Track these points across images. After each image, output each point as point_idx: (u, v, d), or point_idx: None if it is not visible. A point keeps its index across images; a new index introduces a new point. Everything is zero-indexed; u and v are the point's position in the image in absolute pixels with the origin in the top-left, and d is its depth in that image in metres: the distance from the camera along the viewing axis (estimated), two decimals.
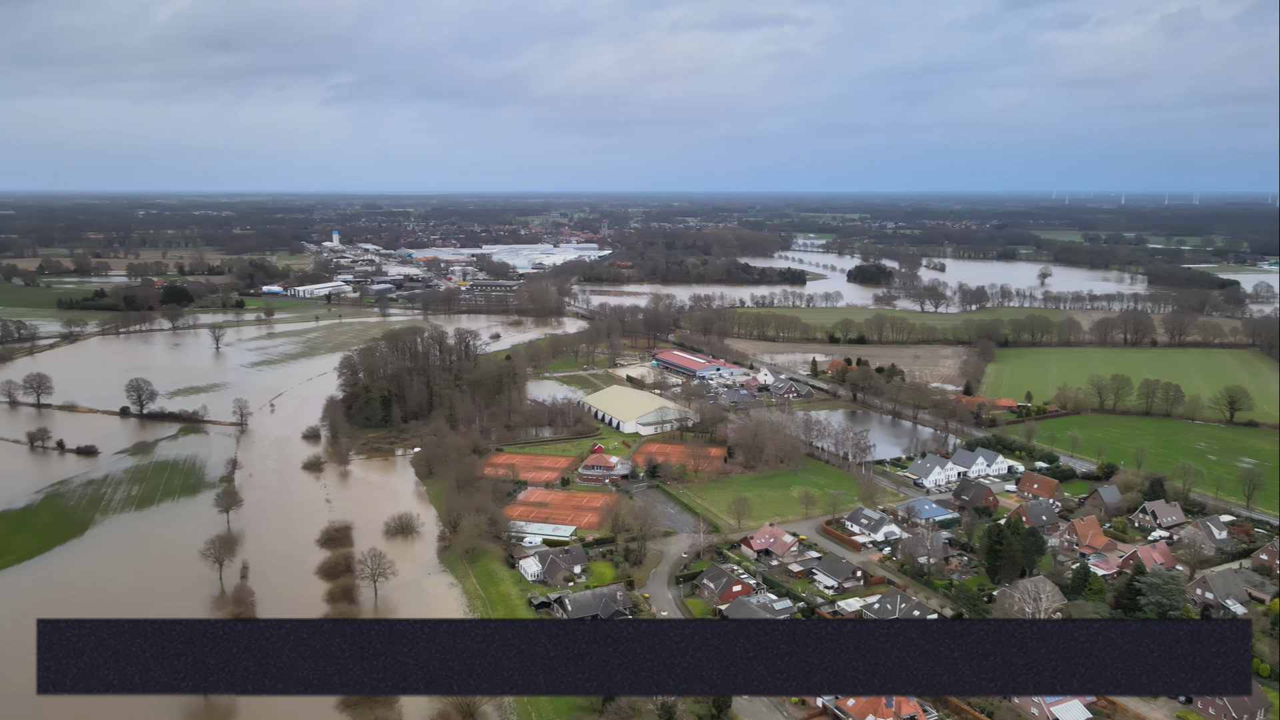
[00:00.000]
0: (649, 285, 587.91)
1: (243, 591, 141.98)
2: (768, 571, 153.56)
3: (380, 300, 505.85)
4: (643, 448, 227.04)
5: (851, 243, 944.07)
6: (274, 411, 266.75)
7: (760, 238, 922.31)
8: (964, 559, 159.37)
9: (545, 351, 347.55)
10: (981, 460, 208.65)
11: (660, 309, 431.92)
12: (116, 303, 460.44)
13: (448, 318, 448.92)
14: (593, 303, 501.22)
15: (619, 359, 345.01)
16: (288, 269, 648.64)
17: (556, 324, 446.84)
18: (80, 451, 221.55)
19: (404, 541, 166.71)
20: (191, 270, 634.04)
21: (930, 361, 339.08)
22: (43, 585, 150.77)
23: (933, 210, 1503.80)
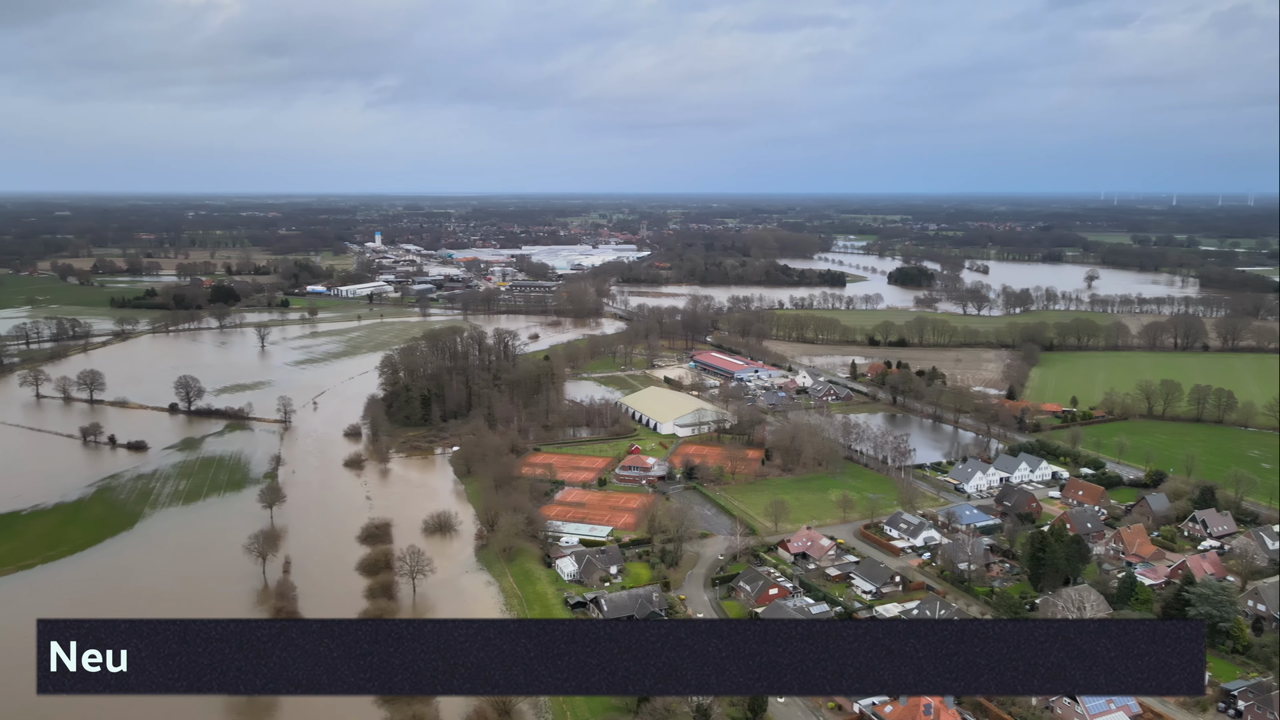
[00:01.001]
0: (687, 286, 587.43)
1: (285, 586, 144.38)
2: (805, 575, 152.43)
3: (421, 300, 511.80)
4: (680, 449, 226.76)
5: (892, 244, 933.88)
6: (317, 409, 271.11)
7: (800, 239, 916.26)
8: (1006, 566, 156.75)
9: (583, 352, 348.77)
10: (1024, 465, 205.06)
11: (698, 310, 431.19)
12: (166, 302, 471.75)
13: (487, 318, 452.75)
14: (631, 304, 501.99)
15: (657, 360, 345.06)
16: (331, 269, 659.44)
17: (595, 325, 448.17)
18: (131, 447, 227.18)
19: (442, 539, 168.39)
20: (238, 270, 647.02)
21: (972, 365, 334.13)
22: (92, 577, 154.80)
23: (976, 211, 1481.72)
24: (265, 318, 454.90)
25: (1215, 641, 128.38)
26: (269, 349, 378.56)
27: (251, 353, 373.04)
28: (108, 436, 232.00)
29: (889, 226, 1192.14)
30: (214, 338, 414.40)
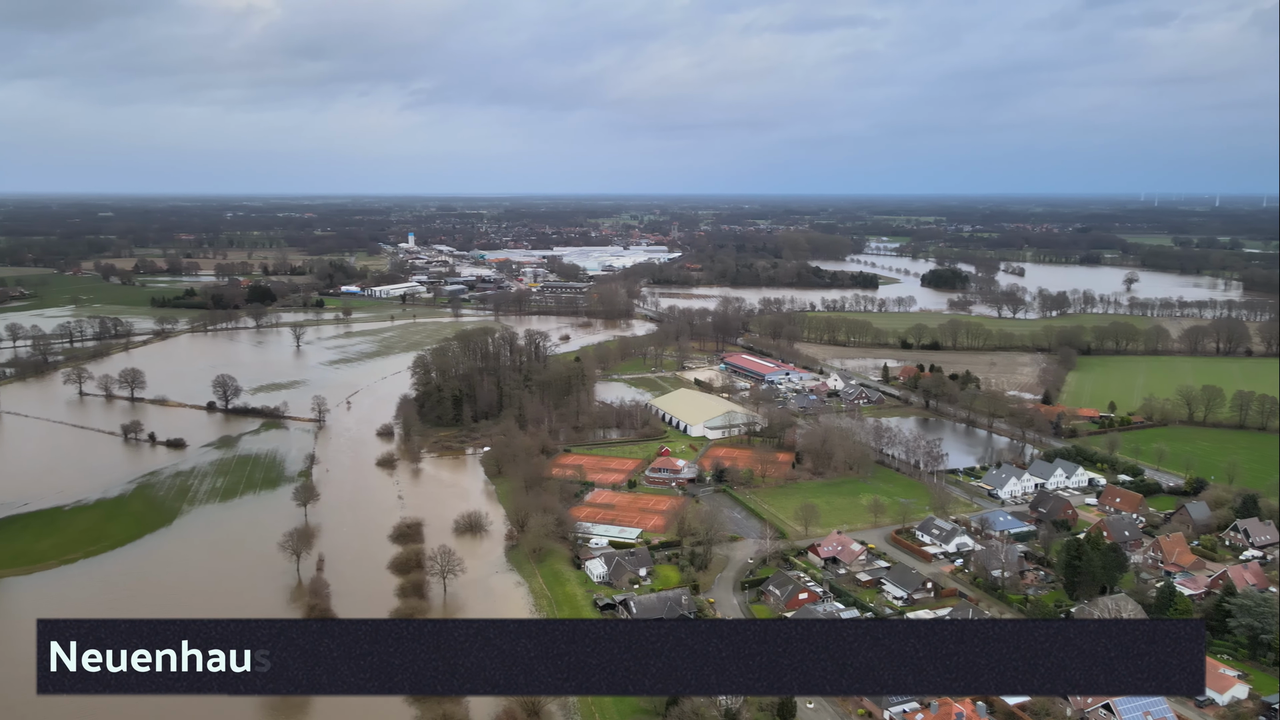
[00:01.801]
0: (718, 288, 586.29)
1: (319, 584, 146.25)
2: (835, 580, 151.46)
3: (453, 301, 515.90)
4: (710, 451, 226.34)
5: (926, 246, 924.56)
6: (350, 409, 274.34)
7: (832, 241, 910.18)
8: (1040, 574, 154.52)
9: (614, 353, 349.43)
10: (1060, 472, 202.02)
11: (729, 312, 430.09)
12: (205, 301, 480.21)
13: (518, 319, 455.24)
14: (661, 305, 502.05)
15: (687, 362, 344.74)
16: (365, 269, 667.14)
17: (625, 326, 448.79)
18: (170, 444, 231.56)
19: (473, 539, 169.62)
20: (275, 270, 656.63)
21: (1007, 369, 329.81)
22: (130, 572, 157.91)
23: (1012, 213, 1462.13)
24: (301, 318, 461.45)
25: (1256, 654, 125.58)
26: (304, 349, 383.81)
27: (287, 352, 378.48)
28: (148, 434, 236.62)
29: (923, 228, 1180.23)
30: (251, 337, 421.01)
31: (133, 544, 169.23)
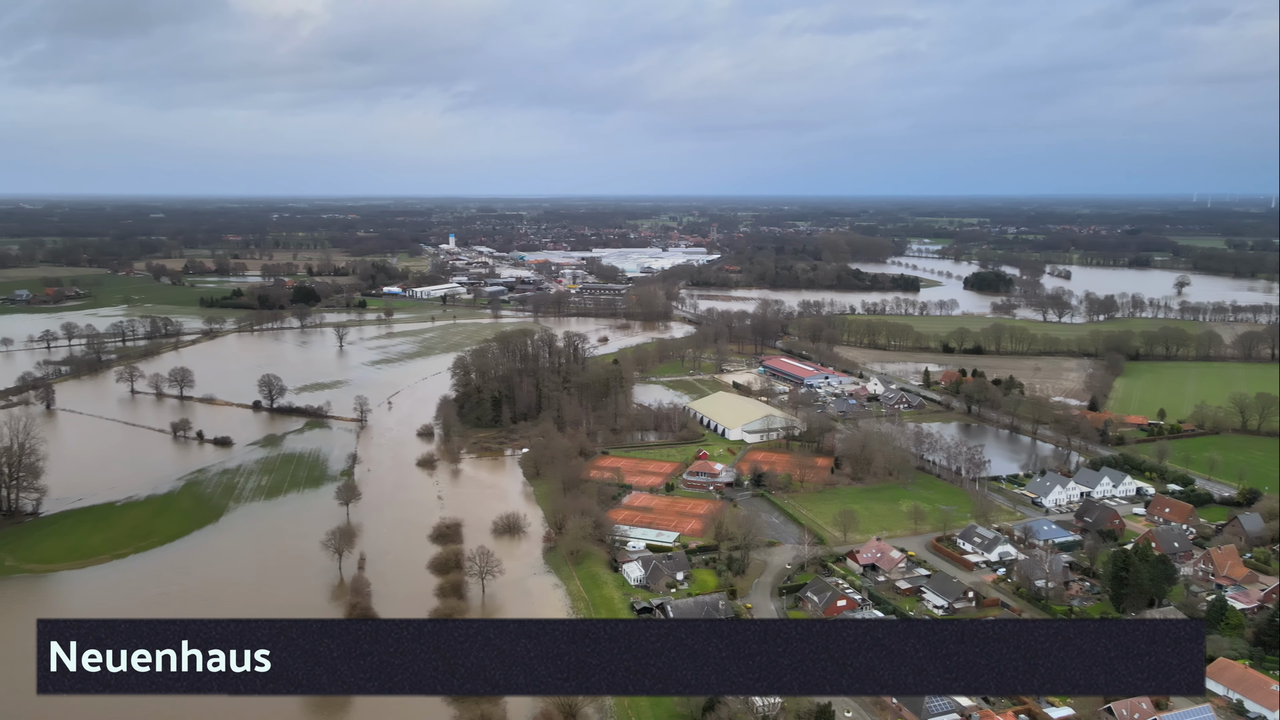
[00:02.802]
0: (757, 290, 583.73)
1: (360, 582, 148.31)
2: (874, 587, 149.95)
3: (493, 302, 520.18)
4: (748, 455, 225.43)
5: (969, 248, 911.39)
6: (391, 409, 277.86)
7: (872, 243, 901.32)
8: (1086, 585, 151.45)
9: (652, 356, 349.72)
10: (1107, 480, 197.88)
11: (768, 315, 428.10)
12: (251, 301, 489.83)
13: (557, 320, 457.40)
14: (700, 307, 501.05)
15: (725, 365, 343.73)
16: (406, 270, 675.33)
17: (664, 328, 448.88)
18: (217, 442, 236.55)
19: (511, 540, 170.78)
20: (319, 271, 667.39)
21: (1052, 374, 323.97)
22: (178, 568, 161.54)
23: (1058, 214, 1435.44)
24: (343, 318, 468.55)
25: None
26: (347, 349, 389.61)
27: (330, 352, 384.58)
28: (196, 432, 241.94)
29: (966, 230, 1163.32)
30: (295, 337, 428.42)
31: (181, 540, 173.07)
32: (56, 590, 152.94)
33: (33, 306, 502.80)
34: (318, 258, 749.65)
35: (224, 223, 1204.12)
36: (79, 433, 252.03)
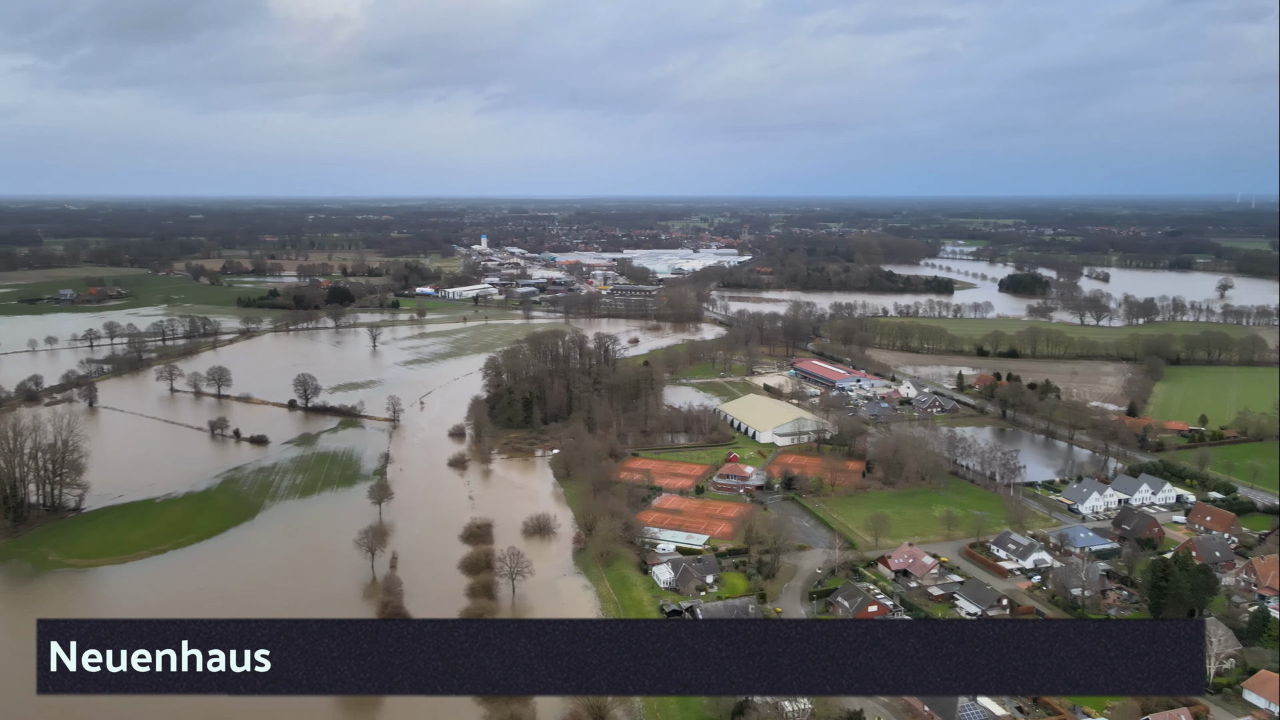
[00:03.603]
0: (789, 292, 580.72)
1: (392, 581, 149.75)
2: (906, 593, 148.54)
3: (524, 303, 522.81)
4: (778, 458, 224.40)
5: (1004, 250, 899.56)
6: (423, 409, 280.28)
7: (905, 244, 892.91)
8: (1123, 594, 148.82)
9: (682, 357, 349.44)
10: (1146, 487, 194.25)
11: (800, 317, 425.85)
12: (287, 301, 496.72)
13: (588, 321, 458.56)
14: (731, 309, 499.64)
15: (756, 367, 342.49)
16: (439, 271, 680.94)
17: (694, 330, 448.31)
18: (253, 440, 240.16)
19: (541, 541, 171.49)
20: (353, 272, 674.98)
21: (1090, 378, 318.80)
22: (215, 564, 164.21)
23: (1096, 215, 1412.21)
24: (377, 318, 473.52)
25: None
26: (380, 349, 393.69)
27: (364, 352, 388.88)
28: (233, 430, 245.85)
29: (1001, 231, 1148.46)
30: (330, 337, 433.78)
31: (218, 536, 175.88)
32: (97, 585, 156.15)
33: (76, 306, 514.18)
34: (352, 258, 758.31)
35: (261, 223, 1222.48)
36: (120, 430, 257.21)
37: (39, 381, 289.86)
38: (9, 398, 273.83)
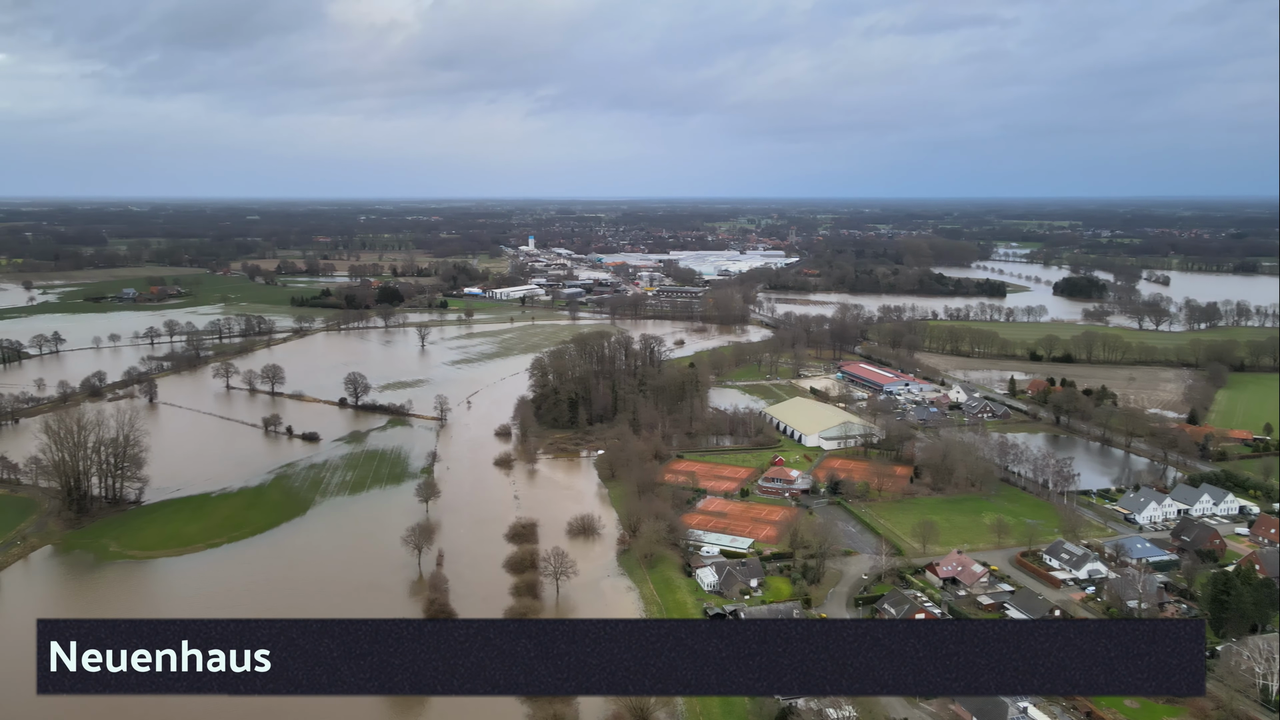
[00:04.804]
0: (836, 295, 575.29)
1: (438, 579, 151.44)
2: (954, 602, 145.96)
3: (570, 304, 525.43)
4: (824, 462, 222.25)
5: (1059, 252, 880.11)
6: (470, 408, 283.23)
7: (956, 247, 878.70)
8: (1182, 607, 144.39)
9: (728, 359, 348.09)
10: (1207, 498, 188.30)
11: (847, 319, 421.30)
12: (339, 301, 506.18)
13: (634, 323, 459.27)
14: (778, 311, 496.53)
15: (803, 370, 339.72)
16: (487, 271, 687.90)
17: (740, 332, 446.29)
18: (305, 437, 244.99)
19: (585, 542, 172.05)
20: (403, 272, 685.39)
21: (1148, 385, 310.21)
22: (267, 559, 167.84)
23: (1156, 217, 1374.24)
24: (426, 318, 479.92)
25: None
26: (428, 348, 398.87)
27: (413, 351, 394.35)
28: (285, 427, 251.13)
29: (1056, 233, 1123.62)
30: (380, 336, 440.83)
31: (271, 531, 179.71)
32: (156, 576, 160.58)
33: (138, 304, 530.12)
34: (402, 259, 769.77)
35: (314, 224, 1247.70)
36: (178, 425, 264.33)
37: (102, 377, 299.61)
38: (74, 393, 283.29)
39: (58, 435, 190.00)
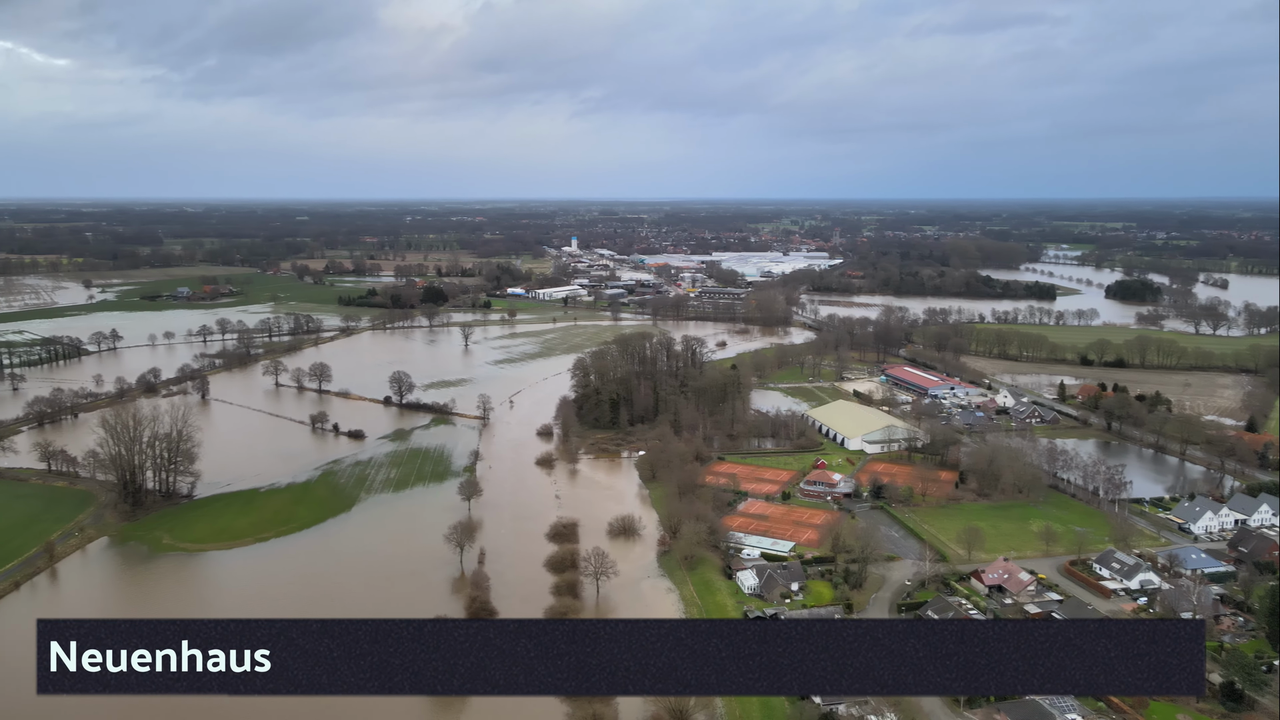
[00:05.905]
0: (880, 297, 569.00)
1: (480, 577, 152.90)
2: (1000, 610, 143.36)
3: (613, 304, 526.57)
4: (867, 466, 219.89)
5: (1112, 255, 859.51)
6: (513, 408, 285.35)
7: (1004, 248, 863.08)
8: (1238, 620, 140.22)
9: (770, 361, 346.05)
10: (1266, 508, 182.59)
11: (892, 322, 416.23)
12: (385, 301, 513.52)
13: (676, 324, 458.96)
14: (821, 313, 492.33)
15: (846, 373, 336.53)
16: (530, 272, 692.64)
17: (783, 334, 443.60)
18: (351, 435, 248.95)
19: (626, 542, 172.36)
20: (447, 272, 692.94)
21: (1204, 391, 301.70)
22: (314, 554, 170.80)
23: (1214, 218, 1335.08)
24: (469, 318, 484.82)
25: None
26: (472, 348, 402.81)
27: (456, 351, 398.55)
28: (332, 424, 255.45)
29: (1109, 235, 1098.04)
30: (424, 335, 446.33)
31: (317, 526, 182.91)
32: (206, 568, 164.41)
33: (191, 303, 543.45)
34: (446, 259, 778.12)
35: (362, 225, 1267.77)
36: (229, 422, 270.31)
37: (157, 374, 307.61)
38: (131, 389, 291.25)
39: (114, 430, 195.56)
